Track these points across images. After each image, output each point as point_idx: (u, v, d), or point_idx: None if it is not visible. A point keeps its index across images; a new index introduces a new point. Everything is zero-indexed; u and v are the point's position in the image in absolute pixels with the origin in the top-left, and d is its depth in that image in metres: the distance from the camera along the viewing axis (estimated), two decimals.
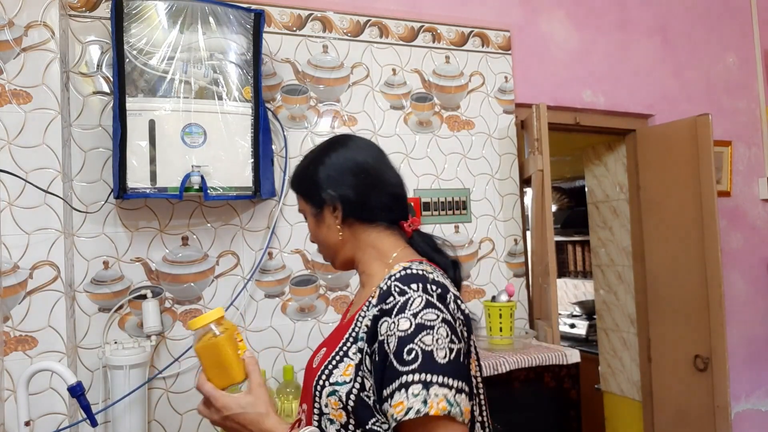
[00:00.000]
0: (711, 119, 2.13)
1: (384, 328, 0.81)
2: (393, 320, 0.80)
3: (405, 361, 0.77)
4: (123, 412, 1.41)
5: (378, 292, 0.86)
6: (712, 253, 2.14)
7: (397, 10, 1.93)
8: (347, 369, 0.84)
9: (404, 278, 0.84)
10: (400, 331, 0.79)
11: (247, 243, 1.68)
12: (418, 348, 0.77)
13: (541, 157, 1.95)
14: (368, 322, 0.85)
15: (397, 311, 0.80)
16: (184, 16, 1.47)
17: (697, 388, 2.19)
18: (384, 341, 0.80)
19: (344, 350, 0.87)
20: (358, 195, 0.96)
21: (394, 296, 0.82)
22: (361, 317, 0.88)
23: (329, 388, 0.85)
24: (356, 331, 0.88)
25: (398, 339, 0.78)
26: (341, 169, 0.98)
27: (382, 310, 0.82)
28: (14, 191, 1.38)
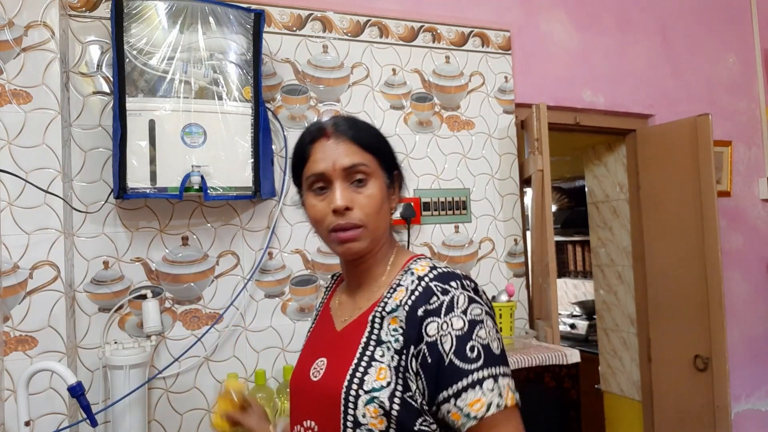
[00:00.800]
0: (711, 119, 2.13)
1: (433, 328, 0.80)
2: (444, 320, 0.80)
3: (469, 359, 0.78)
4: (123, 412, 1.41)
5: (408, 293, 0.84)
6: (712, 253, 2.14)
7: (397, 10, 1.93)
8: (380, 373, 0.81)
9: (441, 277, 0.84)
10: (456, 330, 0.79)
11: (247, 243, 1.68)
12: (477, 344, 0.79)
13: (541, 157, 1.95)
14: (401, 324, 0.83)
15: (446, 310, 0.80)
16: (184, 16, 1.47)
17: (697, 388, 2.19)
18: (436, 342, 0.79)
19: (368, 355, 0.84)
20: None
21: (437, 296, 0.82)
22: (377, 319, 0.86)
23: (365, 396, 0.80)
24: (377, 333, 0.85)
25: (456, 338, 0.79)
26: (395, 152, 0.98)
27: (426, 311, 0.81)
28: (14, 191, 1.38)
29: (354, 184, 0.88)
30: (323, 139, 0.90)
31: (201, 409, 1.60)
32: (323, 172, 0.88)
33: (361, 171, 0.88)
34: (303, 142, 0.93)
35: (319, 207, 0.89)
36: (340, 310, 0.98)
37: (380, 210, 0.90)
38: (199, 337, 1.59)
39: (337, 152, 0.88)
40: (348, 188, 0.88)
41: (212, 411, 0.89)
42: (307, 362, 0.93)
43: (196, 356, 1.60)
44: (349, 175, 0.88)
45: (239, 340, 1.66)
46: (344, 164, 0.87)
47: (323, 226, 0.90)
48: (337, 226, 0.87)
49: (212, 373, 1.62)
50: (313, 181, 0.90)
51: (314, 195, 0.90)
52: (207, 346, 1.61)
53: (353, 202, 0.87)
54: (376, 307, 0.88)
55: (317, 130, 0.92)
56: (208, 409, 1.60)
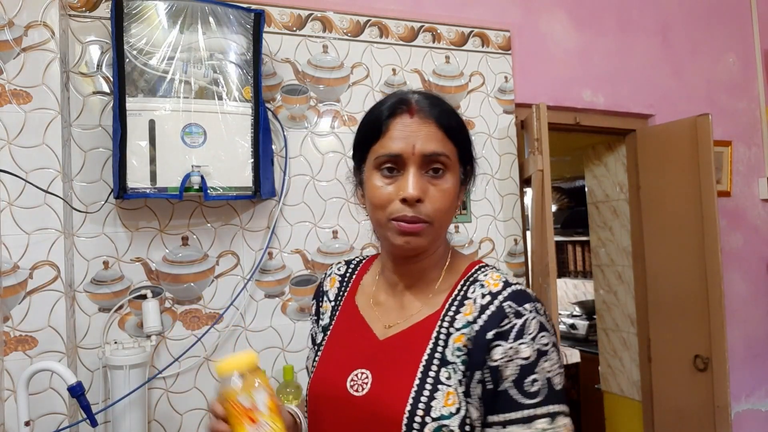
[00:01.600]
0: (711, 119, 2.13)
1: (498, 353, 0.73)
2: (511, 345, 0.73)
3: (528, 393, 0.72)
4: (123, 412, 1.41)
5: (478, 310, 0.76)
6: (712, 253, 2.14)
7: (397, 10, 1.93)
8: (448, 398, 0.73)
9: (515, 297, 0.76)
10: (522, 359, 0.73)
11: (247, 243, 1.68)
12: (540, 377, 0.73)
13: (541, 157, 1.95)
14: (467, 343, 0.75)
15: (515, 336, 0.73)
16: (184, 16, 1.47)
17: (697, 388, 2.19)
18: (499, 367, 0.73)
19: (432, 376, 0.75)
20: None
21: (509, 318, 0.74)
22: (442, 335, 0.77)
23: (433, 424, 0.72)
24: (440, 351, 0.76)
25: (520, 367, 0.73)
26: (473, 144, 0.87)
27: (496, 334, 0.74)
28: (14, 191, 1.38)
29: (429, 173, 0.78)
30: (406, 115, 0.79)
31: (201, 409, 1.60)
32: (400, 154, 0.78)
33: (442, 162, 0.78)
34: (380, 115, 0.81)
35: (384, 191, 0.79)
36: (379, 312, 0.87)
37: (452, 206, 0.81)
38: (199, 337, 1.59)
39: (419, 134, 0.78)
40: (422, 177, 0.78)
41: None
42: (338, 371, 0.83)
43: (196, 356, 1.60)
44: (427, 163, 0.78)
45: (239, 340, 1.66)
46: (426, 150, 0.77)
47: (384, 212, 0.79)
48: (402, 217, 0.77)
49: (212, 373, 1.62)
50: (383, 161, 0.79)
51: (381, 176, 0.80)
52: (207, 346, 1.61)
53: (425, 194, 0.77)
54: (440, 321, 0.79)
55: (399, 102, 0.81)
56: (208, 409, 1.60)
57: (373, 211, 0.81)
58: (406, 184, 0.77)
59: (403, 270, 0.86)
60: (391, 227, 0.79)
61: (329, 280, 0.99)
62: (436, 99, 0.82)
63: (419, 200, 0.77)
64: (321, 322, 0.95)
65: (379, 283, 0.91)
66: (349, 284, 0.95)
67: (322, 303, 0.97)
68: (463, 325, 0.77)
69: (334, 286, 0.97)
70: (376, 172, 0.81)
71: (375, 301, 0.89)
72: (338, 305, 0.93)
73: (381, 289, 0.90)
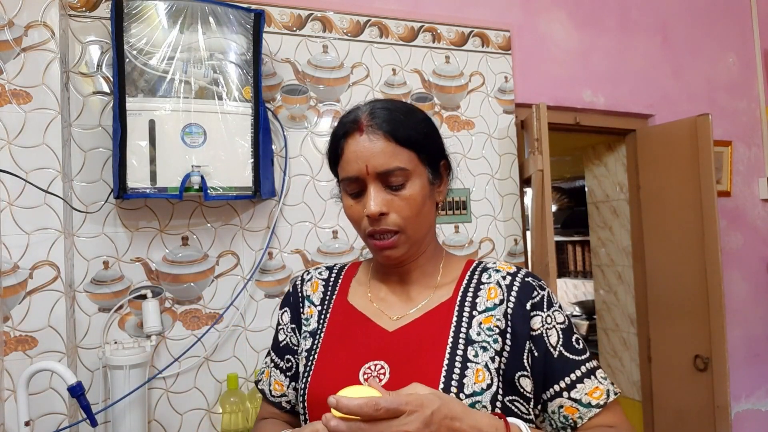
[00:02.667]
0: (711, 119, 2.13)
1: (538, 322, 0.81)
2: (548, 314, 0.81)
3: (578, 350, 0.81)
4: (123, 412, 1.41)
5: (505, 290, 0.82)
6: (712, 253, 2.14)
7: (397, 10, 1.93)
8: (478, 375, 0.76)
9: (531, 275, 0.86)
10: (560, 324, 0.81)
11: (247, 243, 1.68)
12: (579, 336, 0.82)
13: (541, 157, 1.95)
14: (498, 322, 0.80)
15: (547, 305, 0.82)
16: (184, 16, 1.47)
17: (697, 388, 2.19)
18: (542, 335, 0.80)
19: (460, 355, 0.77)
20: None
21: (537, 291, 0.83)
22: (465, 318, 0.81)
23: (467, 400, 0.74)
24: (464, 332, 0.79)
25: (562, 331, 0.81)
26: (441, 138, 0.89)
27: (533, 305, 0.81)
28: (14, 191, 1.38)
29: (391, 186, 0.80)
30: (357, 134, 0.80)
31: (201, 409, 1.60)
32: (357, 176, 0.80)
33: (397, 175, 0.79)
34: (336, 135, 0.84)
35: (354, 210, 0.83)
36: (382, 306, 0.88)
37: (420, 211, 0.81)
38: (199, 337, 1.59)
39: (370, 152, 0.78)
40: (383, 191, 0.80)
41: None
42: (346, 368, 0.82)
43: (196, 356, 1.60)
44: (384, 178, 0.79)
45: (239, 340, 1.66)
46: (378, 169, 0.79)
47: (360, 229, 0.84)
48: (372, 231, 0.81)
49: (212, 373, 1.62)
50: (346, 184, 0.83)
51: (349, 195, 0.84)
52: (207, 346, 1.61)
53: (390, 206, 0.80)
54: (457, 306, 0.83)
55: (350, 123, 0.82)
56: (208, 409, 1.60)
57: (355, 228, 0.86)
58: (368, 202, 0.79)
59: (399, 270, 0.89)
60: (369, 245, 0.84)
61: (310, 285, 0.97)
62: (389, 108, 0.82)
63: (383, 214, 0.79)
64: (306, 328, 0.93)
65: (373, 282, 0.92)
66: (336, 287, 0.95)
67: (303, 309, 0.95)
68: (490, 307, 0.82)
69: (318, 290, 0.95)
70: (344, 192, 0.85)
71: (375, 297, 0.90)
72: (327, 308, 0.92)
73: (378, 286, 0.91)
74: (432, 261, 0.89)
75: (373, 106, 0.83)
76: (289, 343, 0.96)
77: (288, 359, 0.95)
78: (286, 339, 0.96)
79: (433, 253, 0.90)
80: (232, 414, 1.55)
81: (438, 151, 0.87)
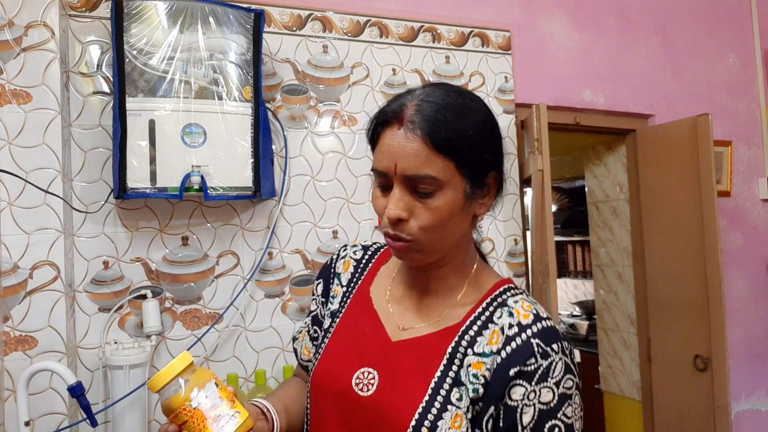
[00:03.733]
0: (711, 119, 2.13)
1: (518, 393, 0.69)
2: (533, 389, 0.69)
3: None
4: (123, 412, 1.41)
5: (504, 341, 0.72)
6: (712, 253, 2.14)
7: (397, 10, 1.93)
8: (455, 420, 0.70)
9: (544, 335, 0.72)
10: (542, 404, 0.69)
11: (247, 243, 1.68)
12: (560, 423, 0.69)
13: (541, 157, 1.95)
14: (486, 373, 0.72)
15: (539, 379, 0.69)
16: (184, 16, 1.47)
17: (697, 388, 2.19)
18: (517, 408, 0.69)
19: (443, 395, 0.72)
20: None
21: (536, 358, 0.70)
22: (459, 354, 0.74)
23: None
24: (455, 371, 0.73)
25: (539, 412, 0.69)
26: (502, 146, 0.78)
27: (519, 372, 0.70)
28: (14, 191, 1.38)
29: (418, 191, 0.72)
30: (395, 125, 0.73)
31: None
32: (385, 172, 0.74)
33: (427, 184, 0.71)
34: (376, 122, 0.78)
35: (379, 202, 0.76)
36: (394, 309, 0.83)
37: (445, 225, 0.73)
38: (199, 337, 1.59)
39: (403, 152, 0.71)
40: (407, 194, 0.73)
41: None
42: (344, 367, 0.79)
43: (196, 356, 1.60)
44: (412, 184, 0.72)
45: (239, 340, 1.66)
46: (406, 173, 0.71)
47: (381, 224, 0.77)
48: (386, 233, 0.75)
49: None
50: (376, 175, 0.76)
51: (378, 186, 0.77)
52: (207, 346, 1.61)
53: (411, 212, 0.73)
54: (457, 338, 0.76)
55: (393, 112, 0.75)
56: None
57: None
58: (390, 203, 0.73)
59: (419, 274, 0.83)
60: (387, 242, 0.78)
61: (343, 263, 0.93)
62: (435, 105, 0.73)
63: (401, 220, 0.73)
64: (330, 306, 0.91)
65: (397, 279, 0.87)
66: (365, 272, 0.91)
67: (332, 285, 0.93)
68: (485, 352, 0.73)
69: (348, 271, 0.92)
70: (375, 181, 0.78)
71: (392, 297, 0.85)
72: (350, 292, 0.89)
73: (399, 286, 0.86)
74: (457, 274, 0.81)
75: (423, 97, 0.74)
76: (319, 314, 0.95)
77: (316, 330, 0.95)
78: (317, 310, 0.95)
79: (461, 266, 0.82)
80: None
81: (486, 162, 0.75)
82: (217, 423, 0.67)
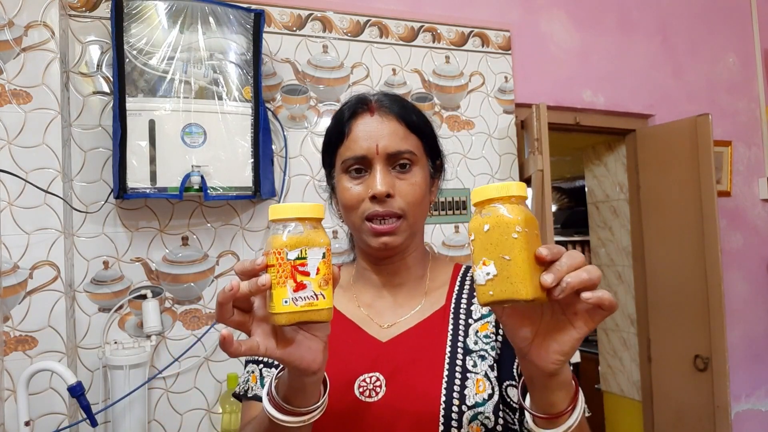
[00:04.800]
0: (711, 119, 2.13)
1: None
2: None
3: None
4: (123, 412, 1.41)
5: None
6: (712, 253, 2.14)
7: (397, 10, 1.93)
8: (479, 384, 0.74)
9: None
10: None
11: (247, 243, 1.68)
12: None
13: (541, 157, 1.95)
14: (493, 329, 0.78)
15: None
16: (184, 16, 1.47)
17: (697, 388, 2.19)
18: None
19: (460, 365, 0.75)
20: None
21: None
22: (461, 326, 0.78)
23: (470, 412, 0.72)
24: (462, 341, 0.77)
25: None
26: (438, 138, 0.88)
27: None
28: (14, 191, 1.38)
29: (396, 169, 0.78)
30: (366, 114, 0.79)
31: (201, 409, 1.60)
32: (364, 155, 0.77)
33: (407, 158, 0.78)
34: (342, 118, 0.82)
35: (354, 191, 0.78)
36: (370, 313, 0.83)
37: (422, 201, 0.79)
38: (199, 337, 1.59)
39: (381, 132, 0.77)
40: (389, 173, 0.77)
41: None
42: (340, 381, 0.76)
43: (196, 356, 1.60)
44: (393, 160, 0.77)
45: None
46: (389, 149, 0.77)
47: (357, 213, 0.78)
48: (375, 213, 0.76)
49: (212, 373, 1.62)
50: (350, 164, 0.79)
51: (350, 177, 0.79)
52: (207, 346, 1.61)
53: (395, 189, 0.77)
54: (452, 314, 0.80)
55: (358, 102, 0.81)
56: (208, 409, 1.60)
57: (347, 214, 0.81)
58: (374, 182, 0.76)
59: (387, 269, 0.84)
60: (365, 230, 0.78)
61: None
62: (396, 96, 0.83)
63: (389, 195, 0.76)
64: None
65: (359, 287, 0.87)
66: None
67: None
68: (485, 314, 0.79)
69: None
70: (344, 175, 0.80)
71: (362, 303, 0.85)
72: None
73: (365, 290, 0.86)
74: (420, 263, 0.86)
75: (379, 95, 0.83)
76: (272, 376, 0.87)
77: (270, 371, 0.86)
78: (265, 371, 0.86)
79: (422, 255, 0.87)
80: (232, 414, 1.54)
81: (437, 145, 0.86)
82: (294, 291, 0.56)
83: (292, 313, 0.55)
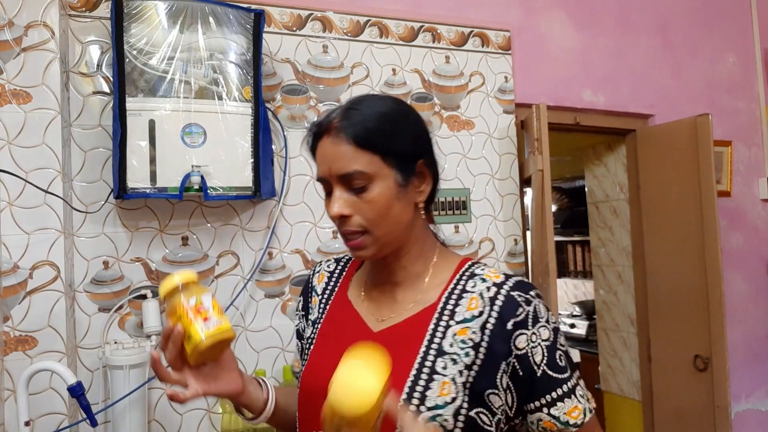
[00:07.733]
0: (711, 119, 2.13)
1: (523, 341, 0.78)
2: (533, 331, 0.78)
3: (561, 368, 0.80)
4: (123, 412, 1.41)
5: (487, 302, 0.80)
6: (712, 253, 2.14)
7: (397, 10, 1.93)
8: (443, 388, 0.75)
9: (520, 286, 0.82)
10: (545, 341, 0.79)
11: (247, 243, 1.68)
12: (563, 352, 0.81)
13: (541, 157, 1.95)
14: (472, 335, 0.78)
15: (532, 322, 0.79)
16: (184, 16, 1.47)
17: (697, 388, 2.19)
18: (527, 354, 0.78)
19: (428, 366, 0.77)
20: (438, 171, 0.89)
21: (522, 306, 0.79)
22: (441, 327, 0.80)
23: (427, 413, 0.74)
24: (438, 342, 0.79)
25: (546, 349, 0.79)
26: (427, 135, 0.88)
27: (516, 324, 0.78)
28: (14, 191, 1.38)
29: (354, 188, 0.80)
30: (324, 135, 0.82)
31: (201, 409, 1.60)
32: (324, 178, 0.82)
33: (358, 179, 0.79)
34: (310, 138, 0.86)
35: (327, 208, 0.84)
36: (371, 306, 0.88)
37: (385, 215, 0.80)
38: None
39: (333, 155, 0.80)
40: (346, 192, 0.80)
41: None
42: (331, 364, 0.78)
43: None
44: (347, 181, 0.80)
45: (239, 340, 1.66)
46: (339, 172, 0.80)
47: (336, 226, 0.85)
48: (342, 231, 0.82)
49: None
50: (321, 183, 0.85)
51: (326, 194, 0.84)
52: None
53: (353, 208, 0.80)
54: (437, 314, 0.82)
55: (319, 124, 0.84)
56: (208, 409, 1.60)
57: None
58: (331, 204, 0.81)
59: (385, 268, 0.88)
60: (344, 241, 0.84)
61: (317, 276, 1.01)
62: (358, 109, 0.81)
63: (344, 216, 0.80)
64: (310, 317, 0.97)
65: (368, 280, 0.92)
66: (340, 280, 0.97)
67: (311, 298, 0.99)
68: (467, 318, 0.80)
69: (323, 282, 0.99)
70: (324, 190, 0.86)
71: (367, 296, 0.90)
72: (328, 299, 0.95)
73: (372, 286, 0.91)
74: (419, 261, 0.88)
75: (349, 106, 0.83)
76: (301, 329, 1.00)
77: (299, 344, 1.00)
78: (300, 324, 1.00)
79: (420, 253, 0.88)
80: (232, 414, 1.54)
81: (411, 151, 0.84)
82: (204, 322, 0.75)
83: (209, 336, 0.74)
